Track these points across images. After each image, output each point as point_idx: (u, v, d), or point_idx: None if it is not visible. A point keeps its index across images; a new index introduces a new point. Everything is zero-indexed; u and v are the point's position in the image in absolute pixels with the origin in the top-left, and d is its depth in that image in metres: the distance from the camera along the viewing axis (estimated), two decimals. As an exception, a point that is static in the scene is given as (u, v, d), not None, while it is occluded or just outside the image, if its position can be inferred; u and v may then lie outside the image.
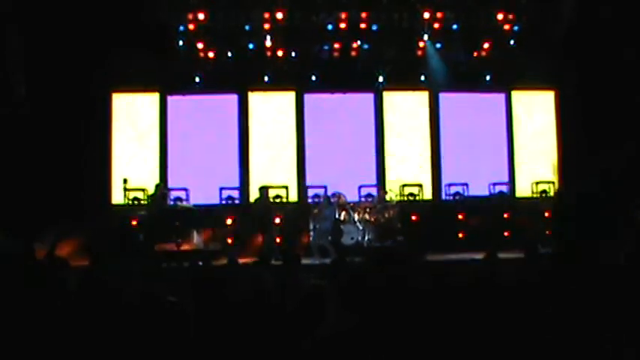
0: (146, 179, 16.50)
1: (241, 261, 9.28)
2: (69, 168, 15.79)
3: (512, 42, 17.03)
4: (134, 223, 14.82)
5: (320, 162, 17.48)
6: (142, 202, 15.84)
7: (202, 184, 16.75)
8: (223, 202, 16.34)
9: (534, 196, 17.33)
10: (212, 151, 17.23)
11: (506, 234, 16.23)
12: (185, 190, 16.35)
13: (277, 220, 15.31)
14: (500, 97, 18.15)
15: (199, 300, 5.21)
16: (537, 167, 17.79)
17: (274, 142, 17.52)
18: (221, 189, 16.52)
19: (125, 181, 15.84)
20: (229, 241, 15.44)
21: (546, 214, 16.00)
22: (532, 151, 17.98)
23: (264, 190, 14.71)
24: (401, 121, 17.93)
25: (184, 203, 15.87)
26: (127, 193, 15.91)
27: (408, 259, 8.43)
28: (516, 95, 18.14)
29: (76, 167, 15.93)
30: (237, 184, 16.91)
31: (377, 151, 17.69)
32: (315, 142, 17.60)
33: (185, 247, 14.35)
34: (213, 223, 15.37)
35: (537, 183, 17.40)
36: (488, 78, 17.70)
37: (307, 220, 15.76)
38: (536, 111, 18.16)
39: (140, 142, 17.20)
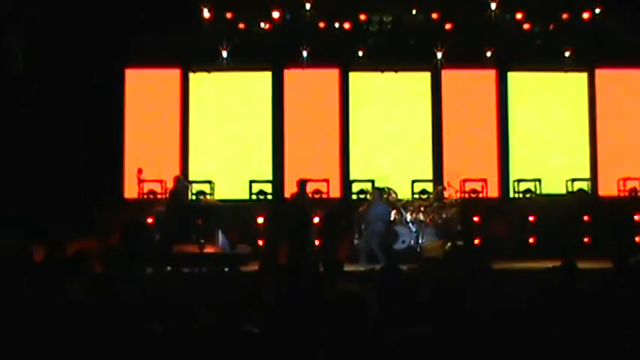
0: (164, 170, 16.75)
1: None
2: (75, 156, 16.05)
3: (596, 10, 16.83)
4: (149, 220, 14.99)
5: (367, 152, 17.53)
6: (159, 196, 16.09)
7: (229, 177, 16.95)
8: (254, 197, 16.58)
9: (621, 195, 17.24)
10: (241, 139, 17.42)
11: (586, 240, 16.14)
12: (209, 183, 16.53)
13: (316, 220, 15.34)
14: (582, 78, 17.95)
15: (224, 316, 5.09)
16: (625, 161, 17.66)
17: (313, 129, 17.63)
18: (251, 182, 16.75)
19: (139, 171, 15.96)
20: (260, 243, 15.66)
21: (636, 217, 15.90)
22: (619, 142, 17.82)
23: (303, 183, 14.77)
24: (462, 105, 17.88)
25: (208, 198, 15.99)
26: (141, 185, 16.09)
27: (469, 267, 8.31)
28: (601, 75, 17.93)
29: (83, 155, 16.19)
30: (270, 176, 17.12)
31: (433, 140, 17.72)
32: (360, 129, 17.65)
33: (208, 249, 14.47)
34: (241, 222, 15.55)
35: (625, 180, 17.30)
36: (567, 54, 17.53)
37: (351, 220, 15.76)
38: (625, 94, 17.93)
39: (157, 126, 17.39)
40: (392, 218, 15.67)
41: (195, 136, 17.42)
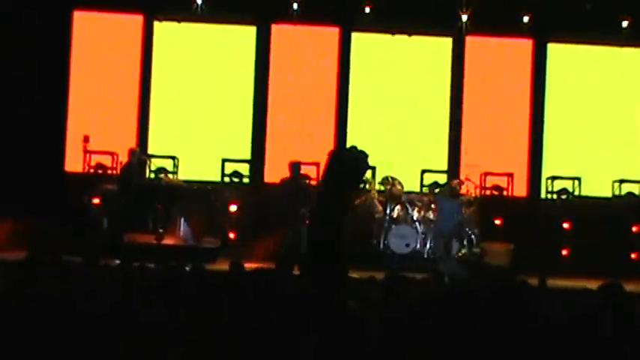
0: (117, 140, 16.67)
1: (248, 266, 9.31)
2: (7, 119, 15.98)
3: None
4: (96, 201, 15.03)
5: (368, 132, 17.41)
6: (109, 172, 16.03)
7: (198, 153, 16.89)
8: (226, 179, 16.51)
9: (682, 202, 17.34)
10: (215, 107, 17.33)
11: (634, 256, 16.14)
12: (172, 158, 16.45)
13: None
14: (638, 53, 17.89)
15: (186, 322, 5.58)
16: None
17: (304, 100, 17.56)
18: (224, 161, 16.69)
19: (86, 139, 15.90)
20: (232, 235, 15.57)
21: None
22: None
23: (296, 166, 14.95)
24: (489, 81, 17.83)
25: (170, 177, 15.96)
26: (87, 157, 15.99)
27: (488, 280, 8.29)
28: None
29: (17, 118, 16.06)
30: (247, 155, 17.13)
31: (451, 123, 17.69)
32: (362, 103, 17.58)
33: (168, 240, 14.52)
34: (210, 208, 15.51)
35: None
36: (624, 24, 17.50)
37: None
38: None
39: (111, 85, 17.25)
40: (395, 215, 15.84)
41: (158, 100, 17.36)
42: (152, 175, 16.16)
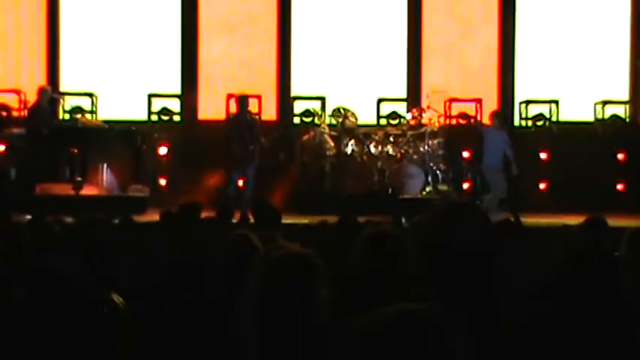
0: (22, 76, 16.74)
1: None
2: None
3: None
4: (1, 148, 14.94)
5: (314, 57, 17.39)
6: (15, 113, 15.98)
7: (119, 88, 16.79)
8: (154, 117, 16.43)
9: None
10: (136, 34, 17.15)
11: (620, 187, 16.28)
12: (89, 96, 16.35)
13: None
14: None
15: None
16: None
17: (240, 24, 17.42)
18: (150, 96, 16.60)
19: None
20: (163, 182, 15.58)
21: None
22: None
23: (244, 100, 15.09)
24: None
25: (87, 118, 15.84)
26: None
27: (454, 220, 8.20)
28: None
29: None
30: (177, 89, 17.08)
31: (409, 43, 17.63)
32: (306, 25, 17.43)
33: (88, 190, 14.48)
34: (136, 151, 15.50)
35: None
36: None
37: (292, 152, 16.10)
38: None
39: (14, 15, 17.09)
40: (348, 150, 15.91)
41: (69, 28, 17.17)
42: (66, 116, 16.07)
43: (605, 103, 17.31)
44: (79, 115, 15.87)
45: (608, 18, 17.81)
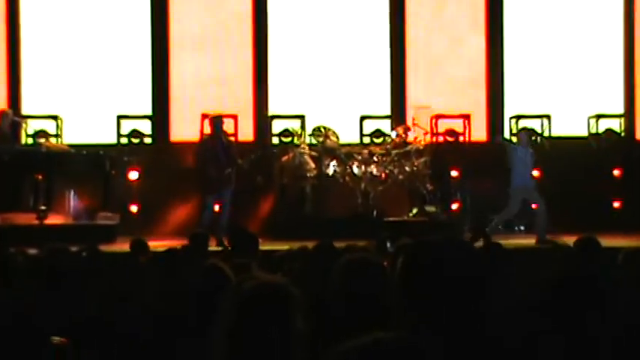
0: None
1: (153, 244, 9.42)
2: None
3: None
4: None
5: (293, 74, 17.45)
6: None
7: (86, 110, 16.77)
8: (124, 140, 16.46)
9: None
10: (103, 54, 17.15)
11: (616, 204, 16.36)
12: (54, 118, 16.33)
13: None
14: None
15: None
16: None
17: (213, 40, 17.47)
18: (120, 118, 16.64)
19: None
20: (134, 209, 15.58)
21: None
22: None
23: (218, 120, 14.91)
24: (433, 6, 17.85)
25: (52, 142, 15.81)
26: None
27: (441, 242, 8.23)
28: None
29: None
30: (148, 109, 17.09)
31: (392, 56, 17.68)
32: (285, 37, 17.51)
33: (54, 219, 14.41)
34: (105, 176, 15.45)
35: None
36: None
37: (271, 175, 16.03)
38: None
39: None
40: (329, 171, 15.89)
41: (31, 47, 17.20)
42: (29, 141, 16.10)
43: (599, 116, 17.39)
44: (42, 140, 15.83)
45: (601, 29, 17.90)
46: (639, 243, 10.66)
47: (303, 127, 16.48)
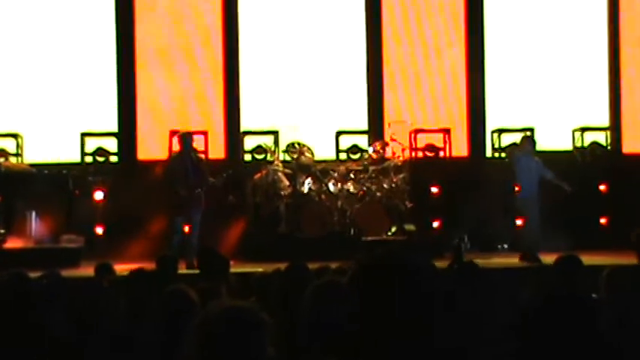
0: None
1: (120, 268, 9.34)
2: None
3: None
4: None
5: (265, 89, 17.45)
6: None
7: (47, 127, 16.77)
8: (88, 158, 16.46)
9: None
10: (65, 67, 17.12)
11: (603, 220, 16.44)
12: (14, 137, 16.38)
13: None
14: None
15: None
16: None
17: (180, 52, 17.48)
18: (84, 135, 16.64)
19: None
20: (99, 230, 15.53)
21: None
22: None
23: (187, 138, 14.95)
24: (410, 17, 17.86)
25: (12, 162, 15.88)
26: None
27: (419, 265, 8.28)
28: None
29: None
30: (114, 126, 17.05)
31: (369, 69, 17.74)
32: (256, 50, 17.54)
33: (14, 242, 14.46)
34: (68, 197, 15.52)
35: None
36: None
37: (244, 194, 16.06)
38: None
39: None
40: (304, 189, 15.90)
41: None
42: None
43: (583, 129, 17.51)
44: (2, 159, 15.82)
45: (585, 39, 18.01)
46: (626, 261, 10.61)
47: (276, 143, 16.52)
